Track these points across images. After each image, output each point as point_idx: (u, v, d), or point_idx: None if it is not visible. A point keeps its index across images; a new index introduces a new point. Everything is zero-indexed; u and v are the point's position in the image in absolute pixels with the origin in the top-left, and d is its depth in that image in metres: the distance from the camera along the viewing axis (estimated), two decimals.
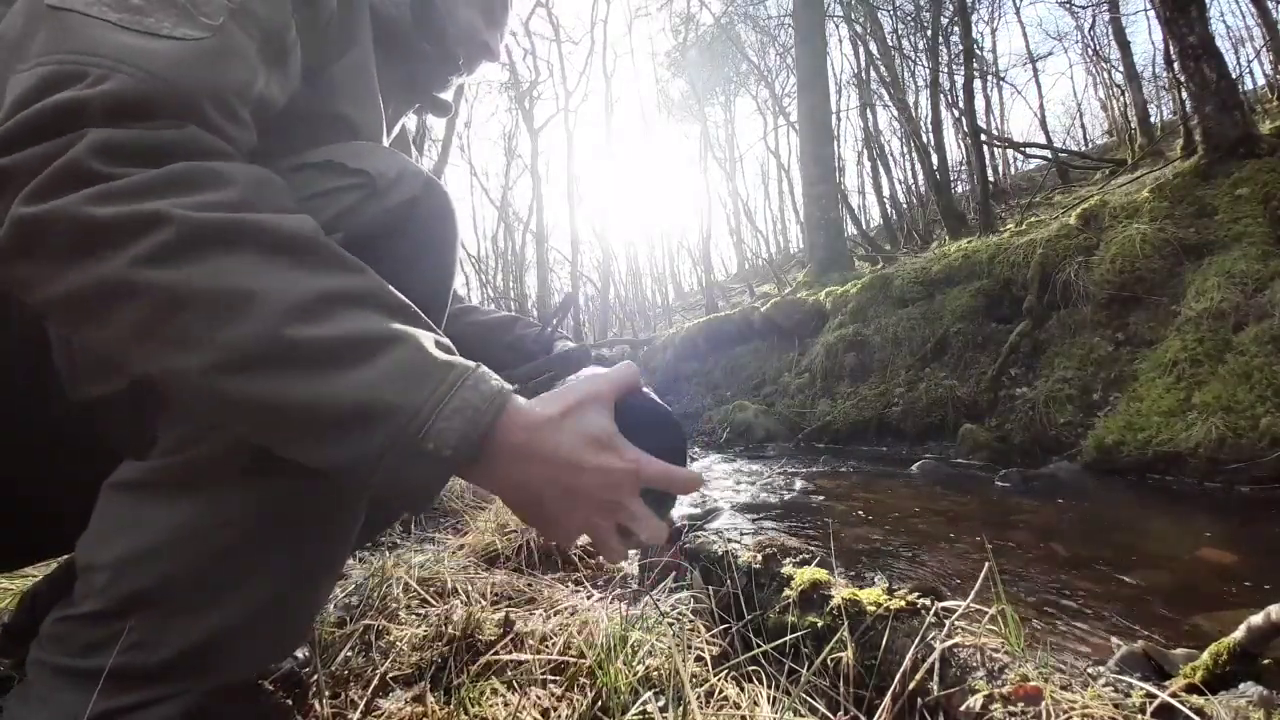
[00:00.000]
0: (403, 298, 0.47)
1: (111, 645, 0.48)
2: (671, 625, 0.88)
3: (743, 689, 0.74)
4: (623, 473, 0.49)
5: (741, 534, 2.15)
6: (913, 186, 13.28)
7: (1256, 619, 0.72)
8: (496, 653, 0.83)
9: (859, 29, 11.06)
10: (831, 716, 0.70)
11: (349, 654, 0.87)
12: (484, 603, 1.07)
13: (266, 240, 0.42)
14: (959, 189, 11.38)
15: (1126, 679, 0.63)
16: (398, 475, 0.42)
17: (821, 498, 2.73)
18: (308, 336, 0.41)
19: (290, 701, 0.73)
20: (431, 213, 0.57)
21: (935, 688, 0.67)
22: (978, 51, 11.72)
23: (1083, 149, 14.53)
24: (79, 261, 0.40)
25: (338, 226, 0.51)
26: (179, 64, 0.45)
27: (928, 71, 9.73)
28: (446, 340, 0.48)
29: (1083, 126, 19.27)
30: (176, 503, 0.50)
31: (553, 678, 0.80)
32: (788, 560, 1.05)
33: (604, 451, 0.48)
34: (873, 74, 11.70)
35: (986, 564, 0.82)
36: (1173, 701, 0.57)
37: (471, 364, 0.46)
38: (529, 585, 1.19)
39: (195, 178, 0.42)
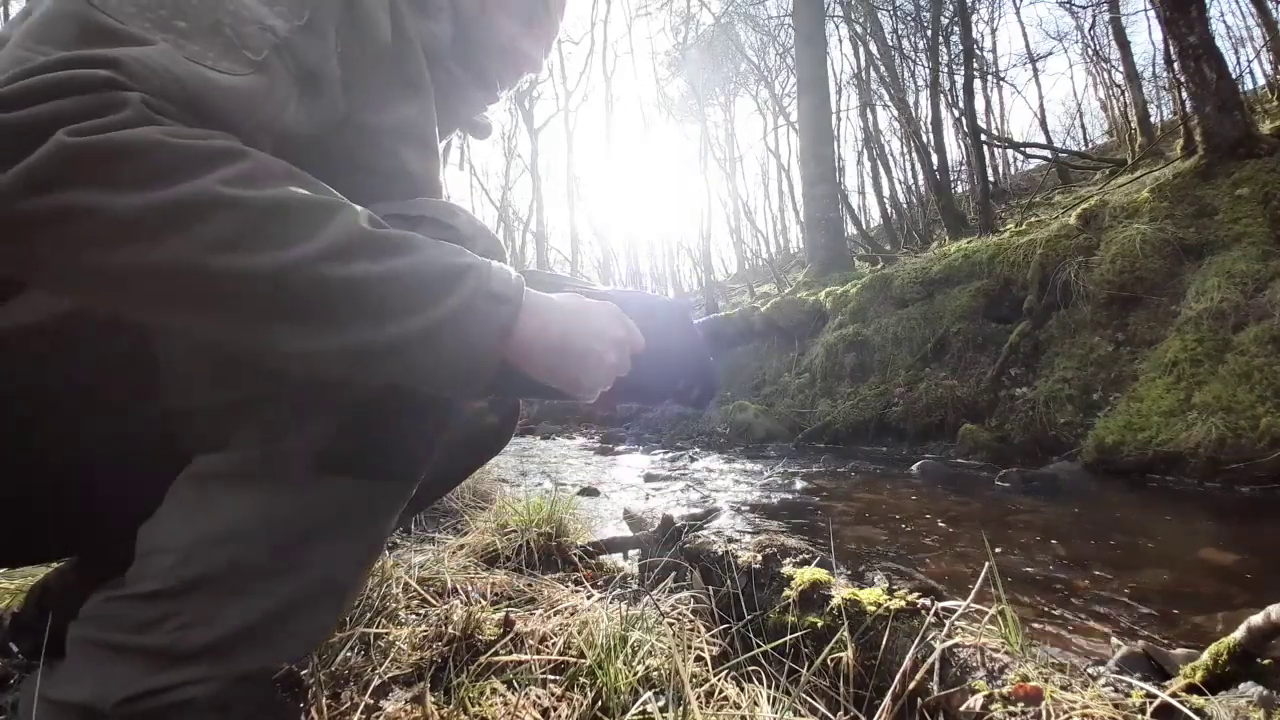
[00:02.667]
0: None
1: (163, 625, 0.50)
2: (671, 625, 0.88)
3: (743, 689, 0.74)
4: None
5: (741, 534, 2.15)
6: (913, 186, 13.29)
7: (1256, 619, 0.72)
8: (496, 653, 0.83)
9: (859, 29, 11.07)
10: (831, 716, 0.70)
11: (349, 654, 0.87)
12: (484, 603, 1.07)
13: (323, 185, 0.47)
14: (959, 189, 11.38)
15: (1126, 679, 0.63)
16: (478, 325, 0.48)
17: (821, 498, 2.74)
18: (383, 231, 0.46)
19: (288, 702, 0.73)
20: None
21: (935, 688, 0.67)
22: (978, 51, 11.73)
23: (1083, 149, 14.53)
24: (159, 182, 0.39)
25: None
26: (218, 94, 0.45)
27: (928, 71, 9.73)
28: None
29: (1083, 126, 19.27)
30: (250, 491, 0.53)
31: (553, 678, 0.80)
32: (788, 560, 1.05)
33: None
34: (873, 74, 11.71)
35: (986, 564, 0.82)
36: (1173, 701, 0.57)
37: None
38: (529, 585, 1.19)
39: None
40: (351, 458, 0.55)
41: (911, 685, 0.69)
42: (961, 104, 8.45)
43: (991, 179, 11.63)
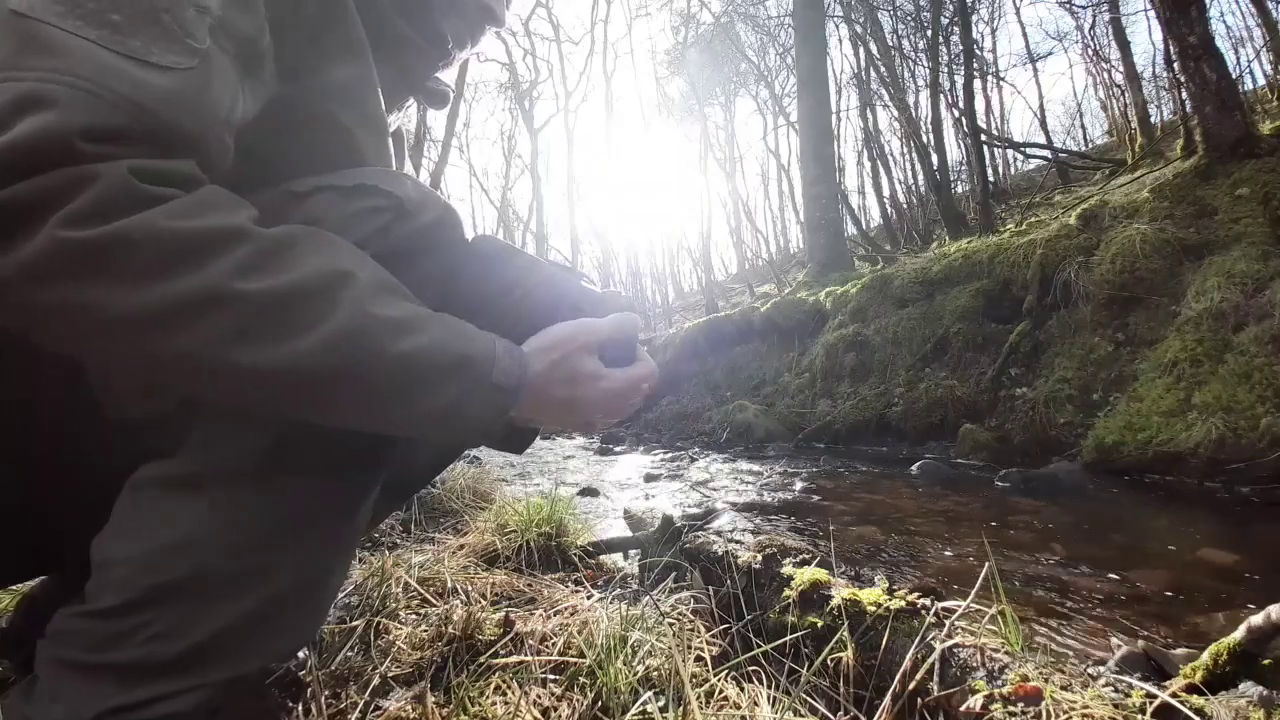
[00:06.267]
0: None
1: (128, 639, 0.48)
2: (671, 625, 0.88)
3: (743, 689, 0.74)
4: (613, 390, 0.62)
5: (741, 534, 2.15)
6: (913, 186, 13.28)
7: (1256, 619, 0.72)
8: (496, 653, 0.83)
9: (859, 29, 11.07)
10: (831, 716, 0.70)
11: (349, 654, 0.87)
12: (484, 603, 1.07)
13: (330, 240, 0.49)
14: (959, 189, 11.38)
15: (1126, 679, 0.63)
16: (479, 411, 0.51)
17: (821, 498, 2.73)
18: (392, 314, 0.48)
19: (289, 702, 0.73)
20: (457, 232, 0.63)
21: (935, 688, 0.67)
22: (978, 51, 11.72)
23: (1083, 149, 14.53)
24: (160, 278, 0.40)
25: (369, 245, 0.53)
26: (173, 100, 0.42)
27: (928, 71, 9.72)
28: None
29: (1083, 126, 19.30)
30: (202, 497, 0.51)
31: (553, 677, 0.80)
32: (788, 560, 1.05)
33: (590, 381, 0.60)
34: (873, 74, 11.70)
35: (986, 564, 0.82)
36: (1173, 701, 0.57)
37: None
38: (529, 585, 1.19)
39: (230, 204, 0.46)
40: (304, 456, 0.53)
41: (911, 685, 0.69)
42: (961, 104, 8.45)
43: (991, 179, 11.62)
